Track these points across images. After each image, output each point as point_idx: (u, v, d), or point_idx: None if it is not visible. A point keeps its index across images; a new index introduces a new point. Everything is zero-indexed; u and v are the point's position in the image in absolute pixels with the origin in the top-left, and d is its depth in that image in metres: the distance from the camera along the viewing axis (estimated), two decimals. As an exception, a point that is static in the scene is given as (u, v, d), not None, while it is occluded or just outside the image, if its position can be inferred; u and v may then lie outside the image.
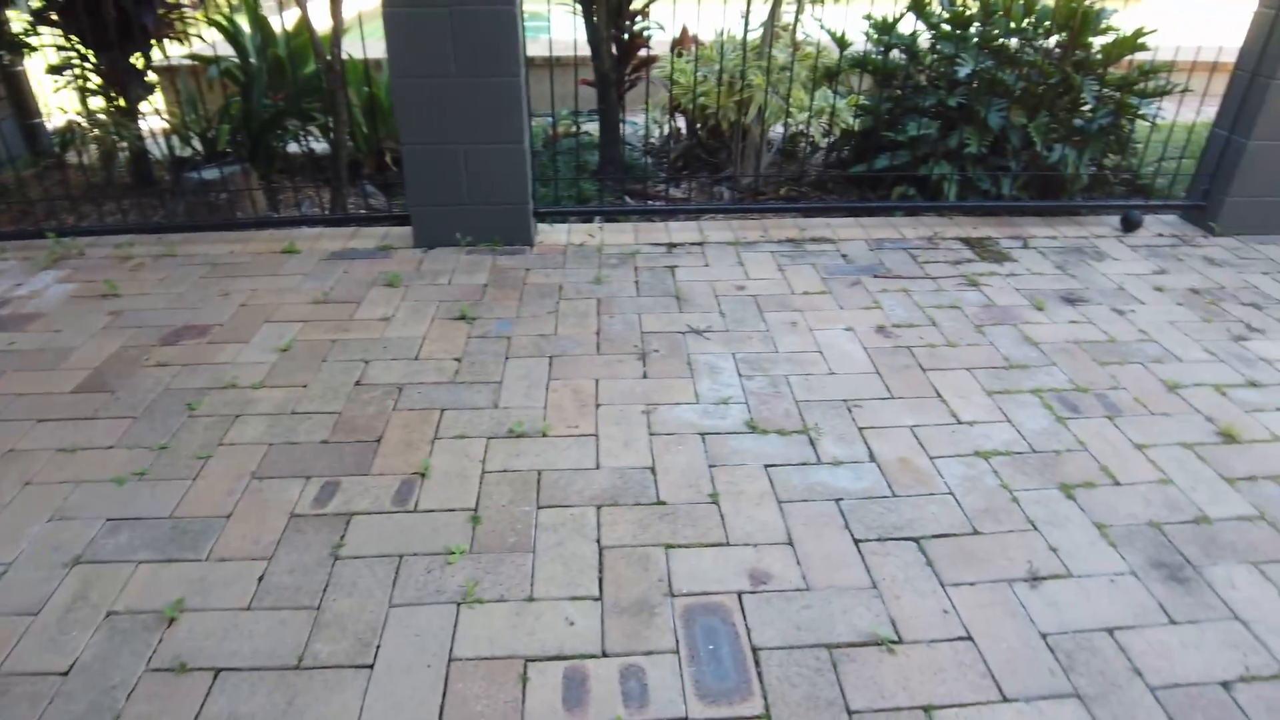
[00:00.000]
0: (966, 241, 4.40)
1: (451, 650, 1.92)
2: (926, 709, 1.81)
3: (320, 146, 5.46)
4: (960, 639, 1.99)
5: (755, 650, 1.93)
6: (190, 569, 2.16)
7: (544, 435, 2.71)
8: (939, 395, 2.99)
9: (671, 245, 4.27)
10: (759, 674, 1.87)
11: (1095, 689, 1.88)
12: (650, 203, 4.94)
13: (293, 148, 5.17)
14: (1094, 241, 4.45)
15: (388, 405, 2.88)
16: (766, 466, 2.57)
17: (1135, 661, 1.96)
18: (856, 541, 2.28)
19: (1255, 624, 2.08)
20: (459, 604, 2.04)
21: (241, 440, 2.69)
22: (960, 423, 2.83)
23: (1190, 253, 4.33)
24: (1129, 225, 4.63)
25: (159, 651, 1.93)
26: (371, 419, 2.80)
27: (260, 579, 2.14)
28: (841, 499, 2.44)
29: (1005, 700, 1.84)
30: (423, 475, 2.52)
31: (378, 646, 1.93)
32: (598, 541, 2.25)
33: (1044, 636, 2.01)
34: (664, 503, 2.41)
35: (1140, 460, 2.67)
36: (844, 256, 4.17)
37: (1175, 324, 3.56)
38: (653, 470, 2.54)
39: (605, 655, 1.91)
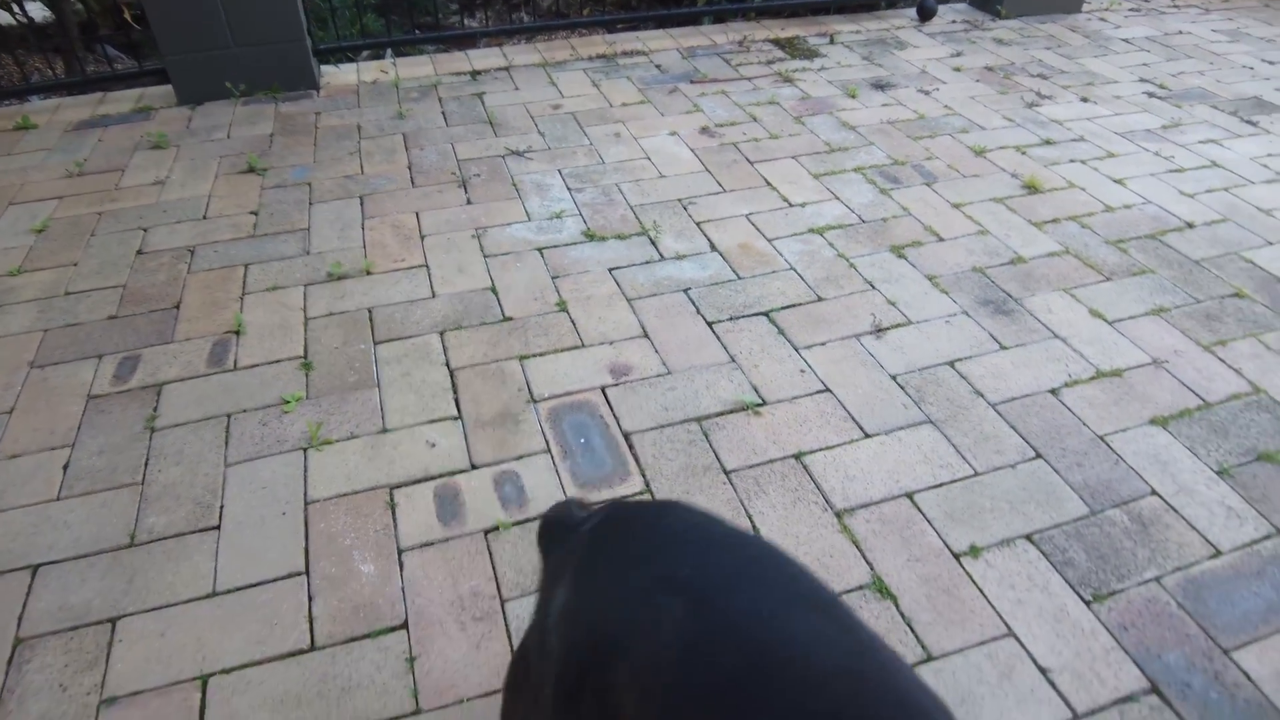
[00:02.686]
0: (776, 42, 4.35)
1: (306, 494, 1.77)
2: (797, 456, 1.86)
3: (41, 13, 4.57)
4: (819, 392, 2.04)
5: (627, 436, 1.90)
6: (-27, 477, 1.85)
7: (368, 274, 2.48)
8: (769, 184, 2.98)
9: (476, 73, 3.95)
10: (634, 456, 1.84)
11: (944, 414, 2.00)
12: (446, 32, 4.53)
13: (3, 18, 4.30)
14: (895, 32, 4.52)
15: (180, 270, 2.54)
16: (611, 270, 2.49)
17: (975, 385, 2.09)
18: (710, 324, 2.26)
19: (1072, 339, 2.27)
20: (305, 449, 1.87)
21: (8, 332, 2.30)
22: (792, 205, 2.85)
23: (981, 35, 4.49)
24: (924, 15, 4.73)
25: (-46, 563, 1.66)
26: (164, 286, 2.46)
27: (65, 467, 1.87)
28: (689, 288, 2.41)
29: (867, 436, 1.92)
30: (237, 333, 2.25)
31: (221, 507, 1.75)
32: (447, 365, 2.12)
33: (894, 378, 2.10)
34: (511, 318, 2.28)
35: (959, 217, 2.80)
36: (658, 67, 4.02)
37: (975, 98, 3.70)
38: (493, 290, 2.40)
39: (475, 468, 1.82)
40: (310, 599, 1.57)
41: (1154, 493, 1.84)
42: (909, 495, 1.79)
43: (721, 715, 0.65)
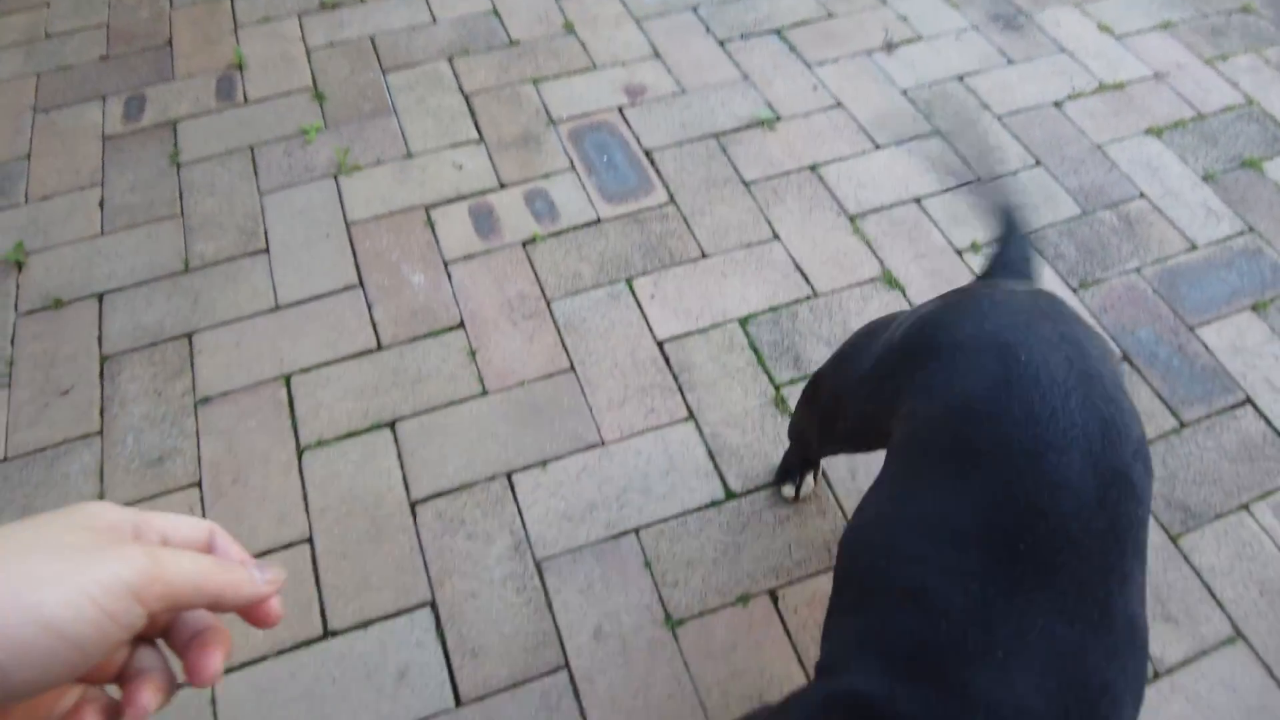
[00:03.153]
0: None
1: (346, 217, 1.84)
2: (812, 167, 1.94)
3: None
4: (832, 107, 2.08)
5: (648, 152, 1.96)
6: (13, 216, 1.90)
7: (362, 1, 2.39)
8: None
9: None
10: (656, 170, 1.92)
11: (952, 126, 2.06)
12: None
13: None
14: None
15: (162, 6, 2.42)
16: (615, -10, 2.41)
17: (983, 99, 2.13)
18: (721, 43, 2.24)
19: (1078, 53, 2.28)
20: (336, 175, 1.92)
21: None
22: (800, -84, 2.70)
23: None
24: None
25: (22, 296, 1.75)
26: (149, 23, 2.37)
27: (101, 204, 1.92)
28: (698, 6, 2.35)
29: (878, 148, 2.00)
30: (240, 67, 2.21)
31: (265, 232, 1.83)
32: (460, 90, 2.11)
33: (904, 92, 2.13)
34: (517, 42, 2.25)
35: (971, -75, 2.67)
36: None
37: None
38: (495, 13, 2.33)
39: (504, 187, 1.89)
40: (369, 306, 1.70)
41: (1142, 196, 1.96)
42: (917, 200, 1.90)
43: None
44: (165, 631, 0.39)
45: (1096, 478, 0.77)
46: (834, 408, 1.13)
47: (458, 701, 1.28)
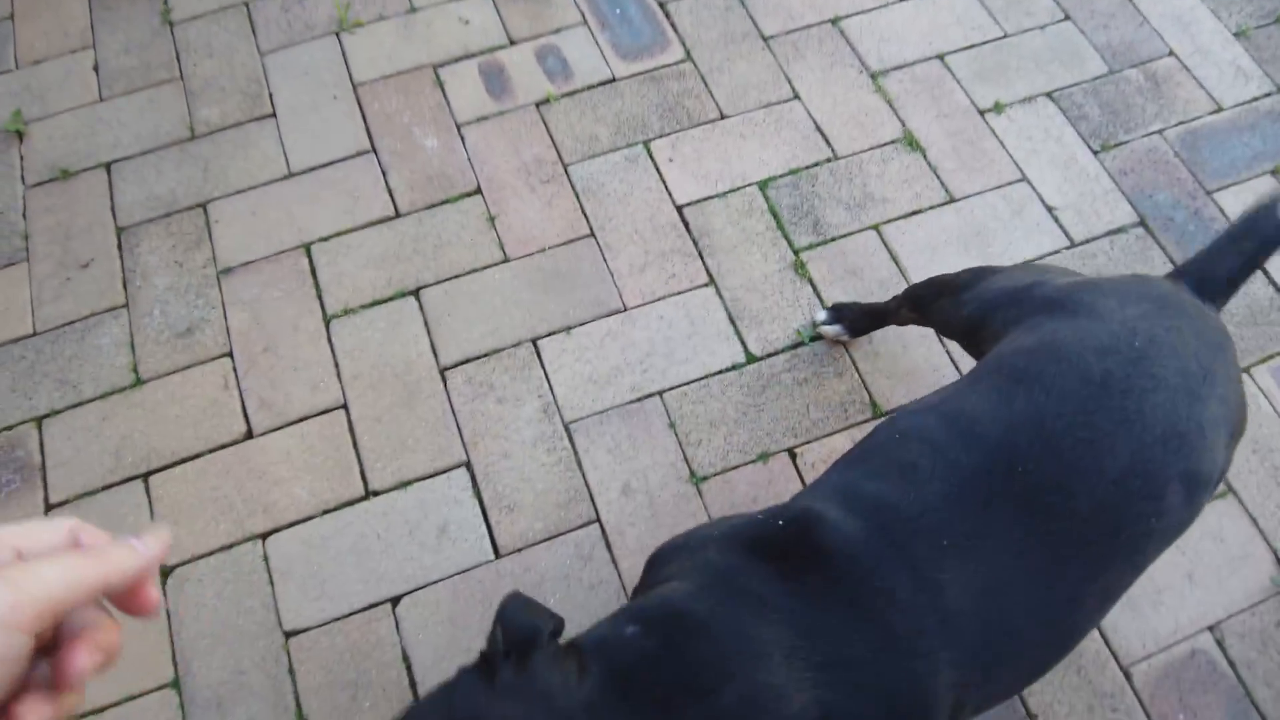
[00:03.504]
0: None
1: (352, 77, 1.79)
2: (834, 20, 1.87)
3: None
4: (854, -45, 1.98)
5: (662, 4, 1.87)
6: (5, 82, 1.82)
7: None
8: None
9: None
10: (672, 25, 1.85)
11: (978, -27, 1.96)
12: None
13: None
14: None
15: None
16: None
17: (1011, -58, 2.02)
18: (737, -117, 2.10)
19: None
20: (338, 33, 1.85)
21: (-33, -78, 2.10)
22: None
23: None
24: None
25: (28, 167, 1.72)
26: None
27: (95, 68, 1.84)
28: None
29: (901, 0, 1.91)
30: (225, -87, 2.07)
31: (270, 95, 1.78)
32: (463, -61, 2.00)
33: (930, -63, 2.02)
34: (521, -116, 2.10)
35: None
36: None
37: None
38: None
39: (514, 43, 1.82)
40: (384, 173, 1.68)
41: (1171, 53, 1.89)
42: (940, 57, 1.84)
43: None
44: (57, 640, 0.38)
45: (1130, 464, 0.80)
46: (972, 299, 1.13)
47: (496, 554, 1.36)
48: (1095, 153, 1.76)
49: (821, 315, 1.50)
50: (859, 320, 1.46)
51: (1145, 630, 1.35)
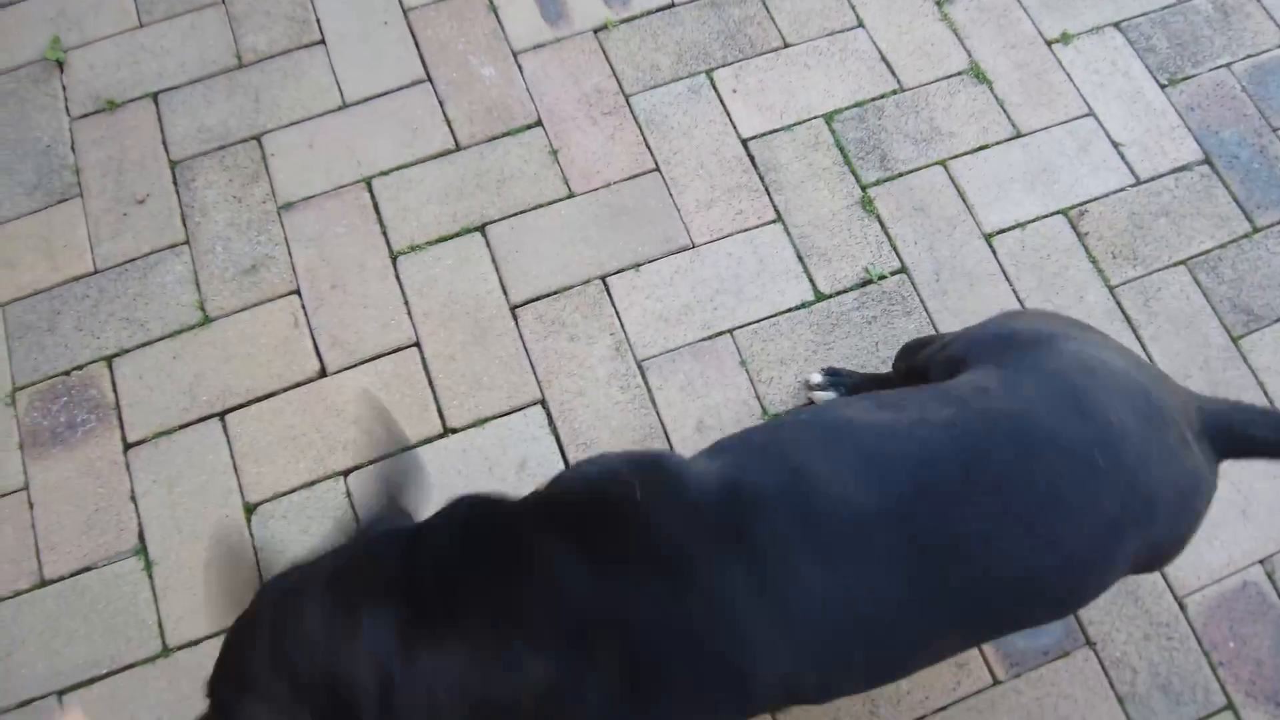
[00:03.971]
0: None
1: (401, 2, 1.73)
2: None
3: None
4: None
5: (722, -73, 1.80)
6: (39, 6, 1.75)
7: None
8: None
9: None
10: (733, -51, 1.78)
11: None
12: None
13: None
14: None
15: None
16: None
17: None
18: None
19: None
20: (385, -44, 1.77)
21: None
22: None
23: None
24: None
25: (72, 98, 1.67)
26: None
27: (131, -9, 1.78)
28: None
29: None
30: None
31: (318, 21, 1.72)
32: None
33: None
34: None
35: None
36: None
37: None
38: None
39: (570, -32, 1.76)
40: (441, 103, 1.64)
41: (1240, -23, 1.84)
42: (1007, -18, 1.79)
43: None
44: None
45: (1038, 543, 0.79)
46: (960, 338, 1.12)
47: (574, 488, 1.39)
48: (1162, 86, 1.73)
49: (816, 378, 1.42)
50: (857, 384, 1.41)
51: (1199, 563, 1.40)
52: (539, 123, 1.62)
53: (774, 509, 0.79)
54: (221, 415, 1.43)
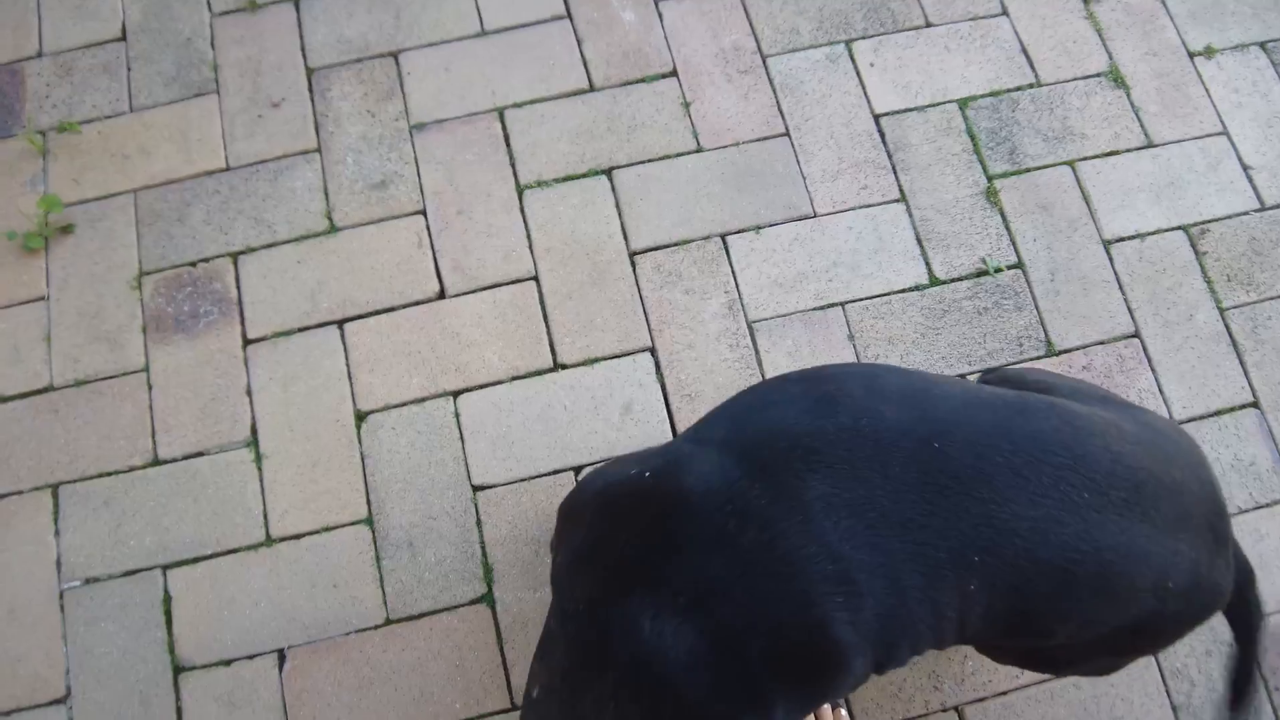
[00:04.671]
0: None
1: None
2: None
3: None
4: None
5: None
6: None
7: None
8: None
9: None
10: (885, -80, 1.76)
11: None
12: None
13: None
14: None
15: None
16: None
17: None
18: None
19: None
20: (535, -114, 1.76)
21: None
22: None
23: None
24: None
25: (212, -12, 1.68)
26: None
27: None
28: None
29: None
30: None
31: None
32: None
33: None
34: None
35: None
36: None
37: None
38: None
39: (720, -79, 1.74)
40: (579, 42, 1.64)
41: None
42: (1157, -13, 1.75)
43: None
44: None
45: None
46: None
47: (675, 437, 1.42)
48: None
49: None
50: None
51: (1271, 590, 1.41)
52: (674, 73, 1.63)
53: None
54: (340, 323, 1.47)
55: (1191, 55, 1.71)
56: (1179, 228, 1.59)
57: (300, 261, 1.51)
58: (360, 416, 1.42)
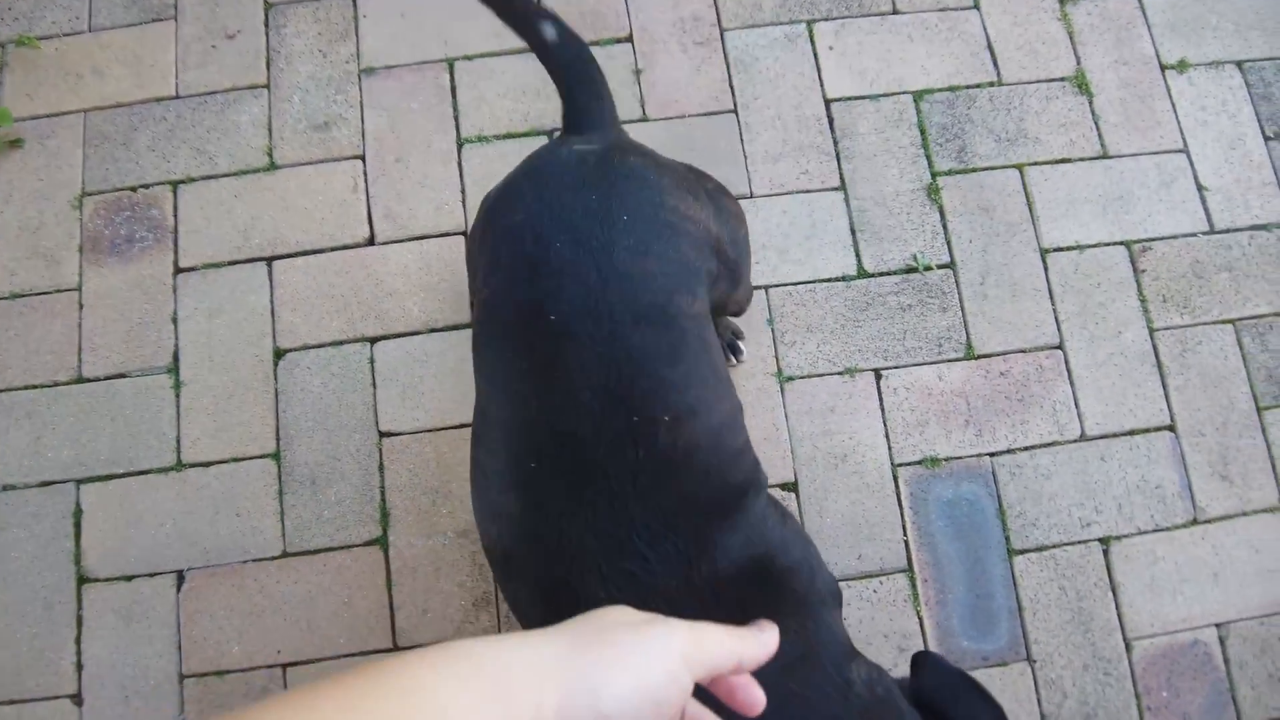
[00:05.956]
0: None
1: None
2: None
3: None
4: None
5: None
6: None
7: None
8: None
9: None
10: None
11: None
12: None
13: None
14: None
15: None
16: None
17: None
18: None
19: None
20: None
21: None
22: None
23: None
24: None
25: (176, -92, 1.67)
26: None
27: None
28: None
29: (1115, -82, 1.75)
30: None
31: (433, -113, 1.70)
32: None
33: None
34: None
35: None
36: None
37: None
38: None
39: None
40: None
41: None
42: (1139, -7, 1.71)
43: None
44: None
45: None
46: None
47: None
48: (1267, 139, 1.66)
49: None
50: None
51: (1158, 612, 1.43)
52: (630, 38, 1.61)
53: None
54: (269, 260, 1.49)
55: (1163, 67, 1.68)
56: (1121, 243, 1.58)
57: (237, 196, 1.52)
58: (279, 354, 1.45)
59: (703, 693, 0.43)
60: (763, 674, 0.46)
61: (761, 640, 0.44)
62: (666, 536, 0.74)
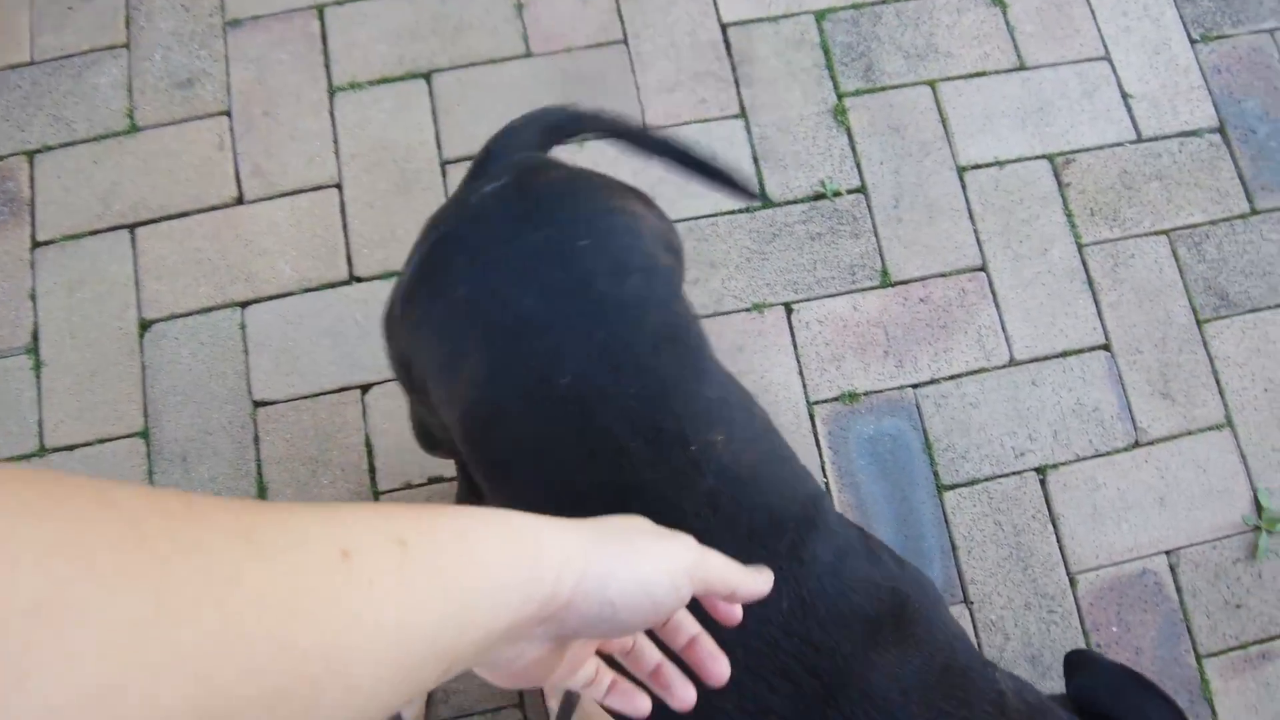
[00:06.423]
0: None
1: None
2: None
3: None
4: None
5: None
6: None
7: None
8: None
9: None
10: None
11: None
12: None
13: None
14: None
15: None
16: None
17: None
18: None
19: None
20: None
21: None
22: None
23: None
24: None
25: None
26: None
27: None
28: None
29: None
30: None
31: None
32: None
33: None
34: None
35: None
36: None
37: None
38: None
39: None
40: (410, -59, 1.53)
41: (1313, -66, 1.66)
42: (1048, -101, 1.62)
43: None
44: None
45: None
46: None
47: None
48: (1193, 42, 1.58)
49: None
50: None
51: (1101, 542, 1.34)
52: (508, -27, 1.52)
53: None
54: (132, 228, 1.40)
55: (1074, -28, 1.59)
56: (1043, 156, 1.49)
57: (96, 162, 1.43)
58: (144, 325, 1.35)
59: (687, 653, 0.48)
60: (910, 697, 0.46)
61: (758, 578, 0.47)
62: (765, 560, 0.62)
